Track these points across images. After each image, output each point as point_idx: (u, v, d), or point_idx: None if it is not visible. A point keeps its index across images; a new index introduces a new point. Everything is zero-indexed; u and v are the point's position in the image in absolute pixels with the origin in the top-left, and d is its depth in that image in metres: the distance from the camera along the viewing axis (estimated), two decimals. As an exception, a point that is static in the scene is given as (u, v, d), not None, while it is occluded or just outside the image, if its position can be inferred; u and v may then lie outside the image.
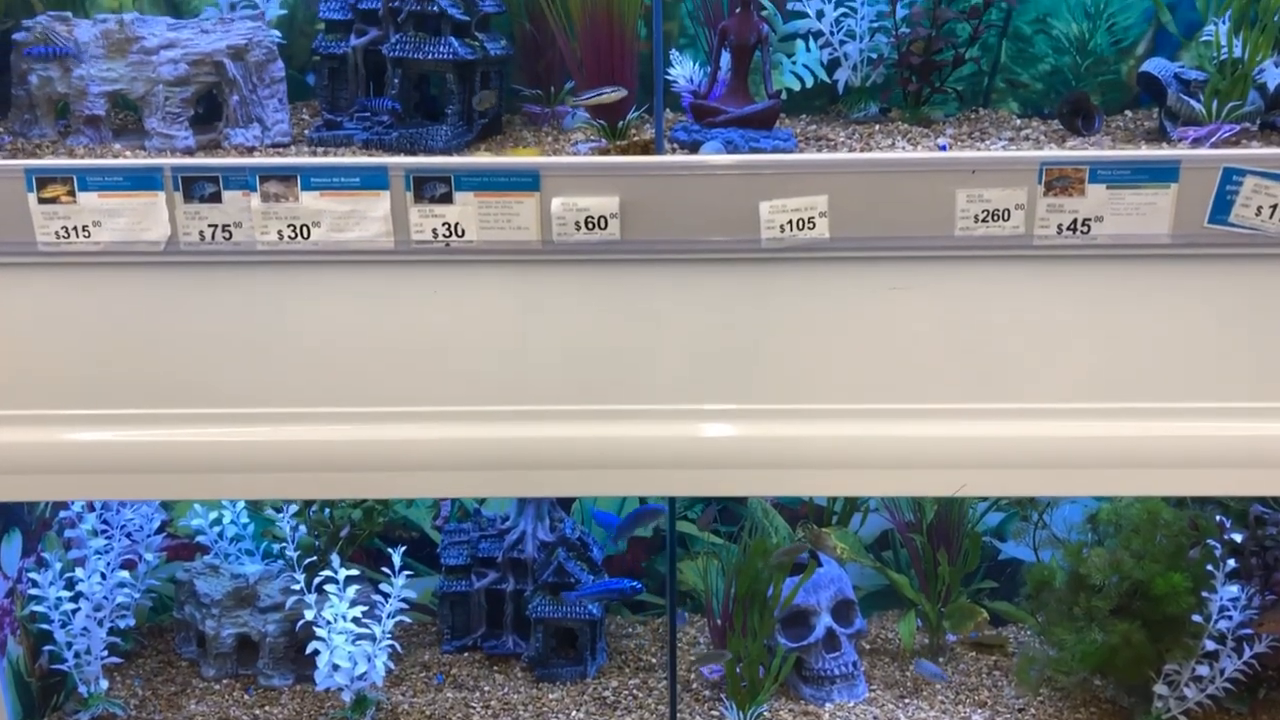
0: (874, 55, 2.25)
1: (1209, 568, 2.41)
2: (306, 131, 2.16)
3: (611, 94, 1.96)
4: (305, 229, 1.84)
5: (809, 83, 2.23)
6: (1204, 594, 2.41)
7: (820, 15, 2.24)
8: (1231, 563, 2.39)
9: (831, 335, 1.93)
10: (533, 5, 2.16)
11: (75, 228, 1.83)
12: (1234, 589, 2.41)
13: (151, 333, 1.91)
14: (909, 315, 1.91)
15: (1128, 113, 2.34)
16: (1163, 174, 1.79)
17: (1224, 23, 2.02)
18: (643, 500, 2.81)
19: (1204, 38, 2.07)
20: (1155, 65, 2.10)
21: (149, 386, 1.95)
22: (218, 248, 1.85)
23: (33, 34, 2.05)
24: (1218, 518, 2.44)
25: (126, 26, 2.03)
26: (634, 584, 2.68)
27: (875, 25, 2.23)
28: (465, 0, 2.07)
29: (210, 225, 1.84)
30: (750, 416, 1.98)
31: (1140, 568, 2.40)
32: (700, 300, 1.91)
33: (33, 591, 2.51)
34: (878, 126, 2.20)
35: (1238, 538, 2.42)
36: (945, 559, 2.73)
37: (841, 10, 2.24)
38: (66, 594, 2.54)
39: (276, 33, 2.18)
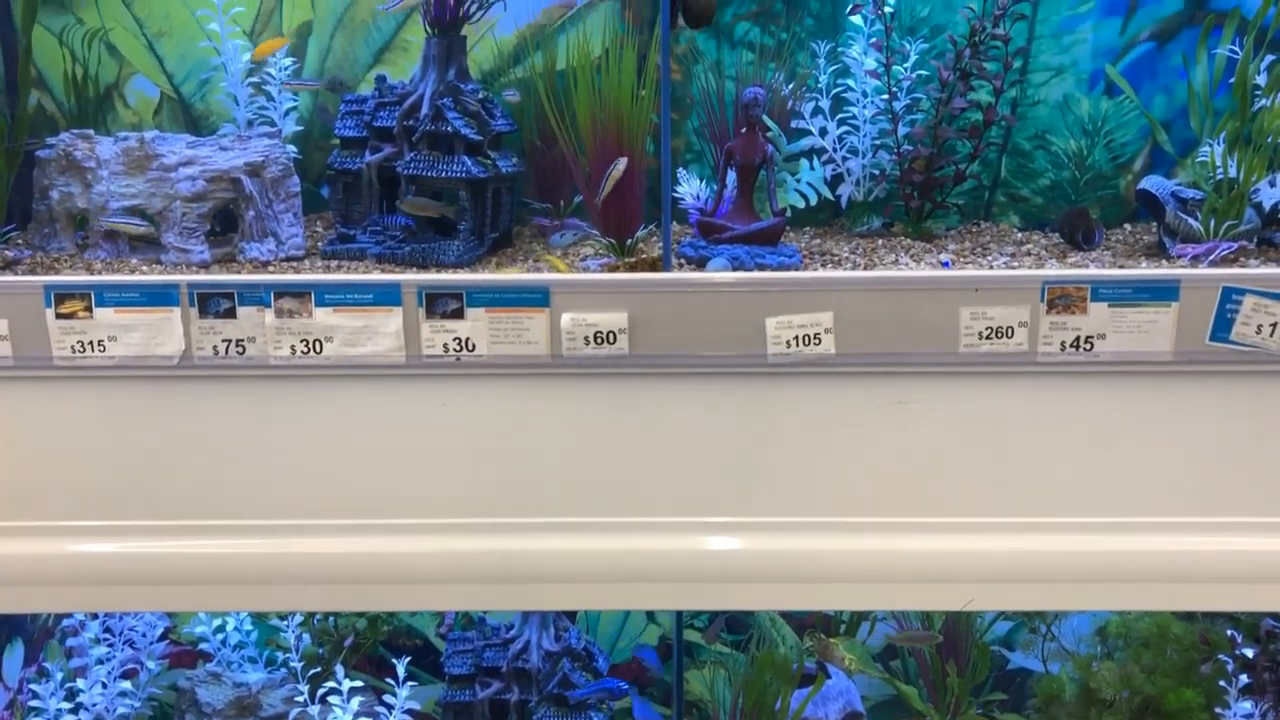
0: (876, 171, 2.30)
1: (1221, 683, 2.38)
2: (320, 244, 2.20)
3: (615, 169, 1.99)
4: (318, 344, 1.87)
5: (813, 200, 2.28)
6: (1217, 710, 2.38)
7: (823, 132, 2.29)
8: (1244, 678, 2.37)
9: (837, 449, 1.94)
10: (543, 123, 2.21)
11: (91, 342, 1.86)
12: (1247, 705, 2.38)
13: (163, 445, 1.93)
14: (914, 430, 1.92)
15: (1127, 226, 2.38)
16: (1163, 293, 1.82)
17: (1219, 143, 2.06)
18: (650, 615, 2.79)
19: (1200, 158, 2.11)
20: (1153, 183, 2.15)
21: (159, 499, 1.96)
22: (231, 362, 1.88)
23: (57, 150, 2.10)
24: (1229, 632, 2.42)
25: (147, 144, 2.08)
26: (620, 684, 2.64)
27: (877, 143, 2.29)
28: (478, 120, 2.12)
29: (224, 340, 1.86)
30: (756, 530, 1.98)
31: (1151, 682, 2.38)
32: (707, 414, 1.93)
33: (33, 704, 2.49)
34: (881, 241, 2.24)
35: (1249, 653, 2.39)
36: (954, 670, 2.70)
37: (844, 128, 2.29)
38: (67, 705, 2.51)
39: (292, 148, 2.24)
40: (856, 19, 2.25)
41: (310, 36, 2.40)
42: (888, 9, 2.20)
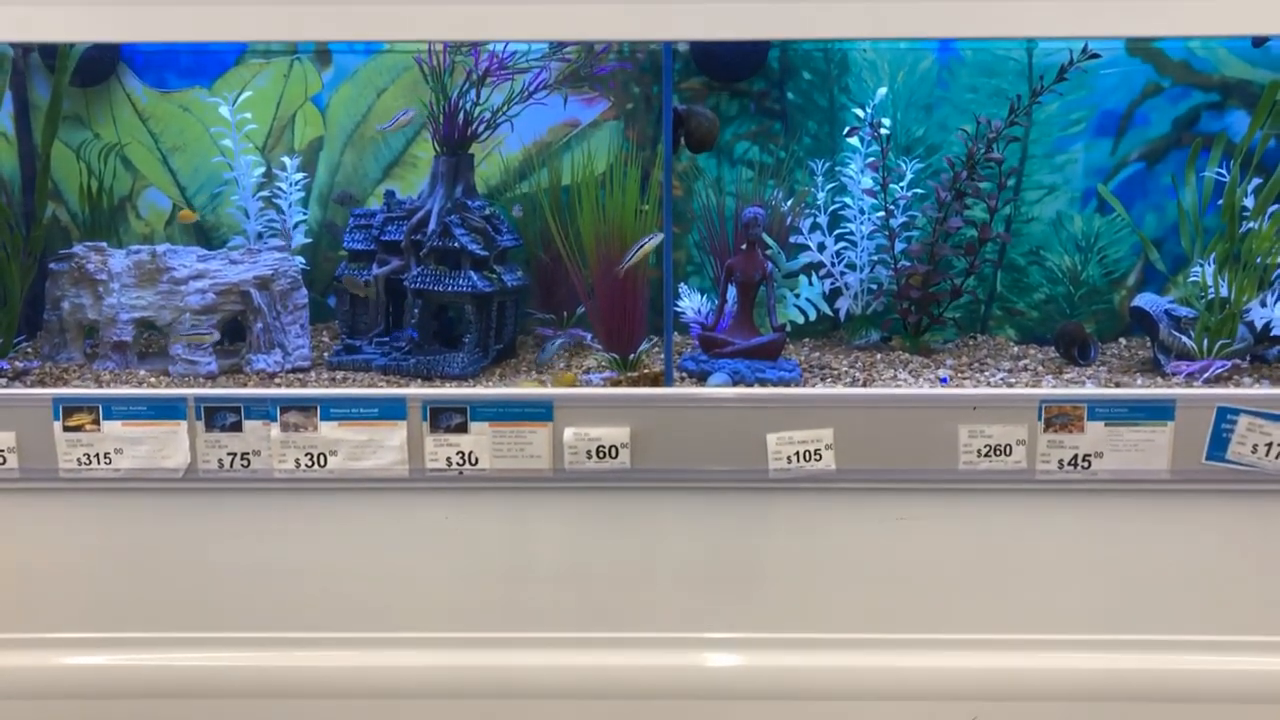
0: (874, 286, 2.34)
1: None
2: (326, 355, 2.23)
3: (649, 243, 2.01)
4: (322, 458, 1.88)
5: (812, 316, 2.31)
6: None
7: (821, 248, 2.33)
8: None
9: (837, 564, 1.94)
10: (547, 237, 2.26)
11: (97, 455, 1.88)
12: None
13: (165, 558, 1.93)
14: (914, 546, 1.93)
15: (1122, 341, 2.41)
16: (1159, 412, 1.84)
17: (1210, 264, 2.10)
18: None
19: (1192, 277, 2.16)
20: (1146, 301, 2.18)
21: (160, 611, 1.95)
22: (235, 475, 1.89)
23: (70, 263, 2.14)
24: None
25: (159, 258, 2.12)
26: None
27: (875, 258, 2.33)
28: (484, 236, 2.17)
29: (229, 453, 1.88)
30: (756, 645, 1.98)
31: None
32: (707, 529, 1.94)
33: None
34: (879, 355, 2.27)
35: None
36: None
37: (842, 244, 2.34)
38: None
39: (301, 259, 2.28)
40: (854, 140, 2.31)
41: (321, 151, 2.46)
42: (884, 131, 2.26)
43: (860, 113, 2.29)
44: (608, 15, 1.74)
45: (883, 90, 2.30)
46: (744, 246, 2.14)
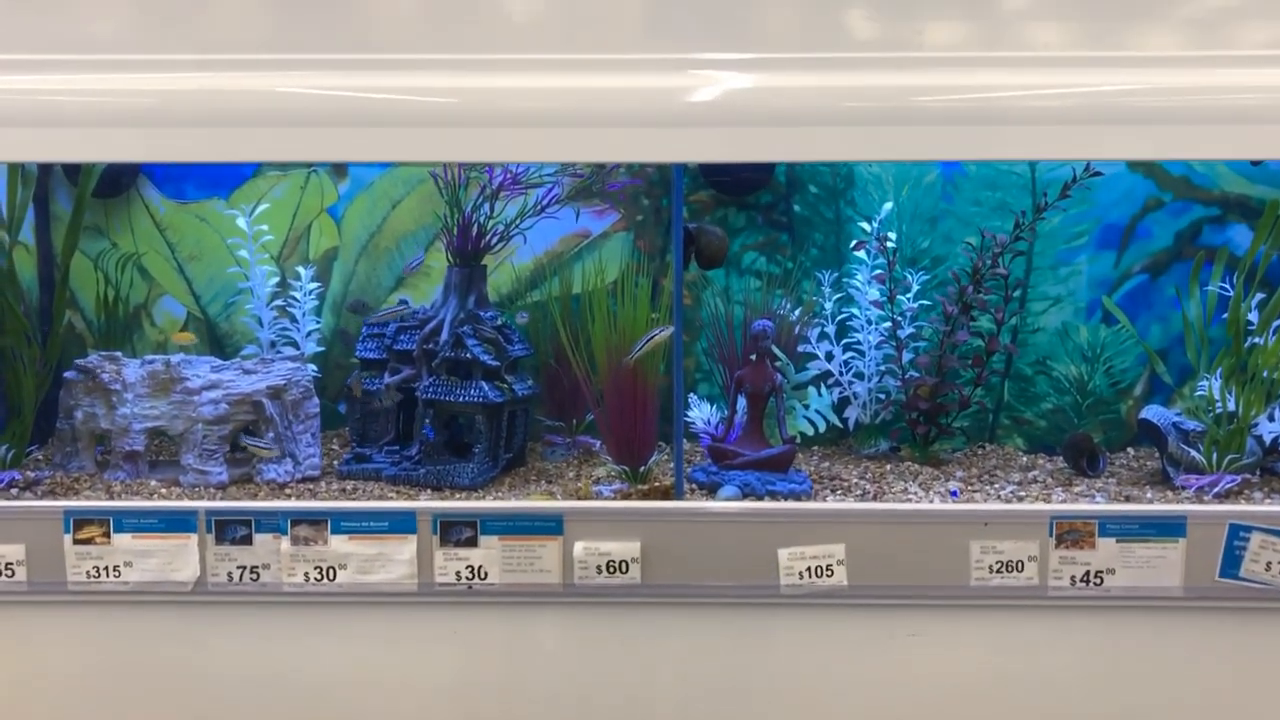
0: (883, 396, 2.35)
1: None
2: (335, 463, 2.24)
3: (659, 335, 2.02)
4: (332, 571, 1.88)
5: (821, 428, 2.32)
6: None
7: (829, 357, 2.35)
8: None
9: (848, 681, 1.92)
10: (558, 345, 2.28)
11: (107, 568, 1.87)
12: None
13: (173, 672, 1.92)
14: (925, 662, 1.91)
15: (1130, 451, 2.42)
16: (1171, 529, 1.84)
17: (1216, 378, 2.12)
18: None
19: (1199, 390, 2.17)
20: (1154, 413, 2.19)
21: (163, 727, 1.94)
22: (244, 589, 1.88)
23: (83, 372, 2.16)
24: None
25: (172, 368, 2.14)
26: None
27: (883, 368, 2.35)
28: (495, 346, 2.19)
29: (239, 567, 1.88)
30: (767, 763, 1.95)
31: None
32: (718, 644, 1.92)
33: None
34: (889, 465, 2.27)
35: None
36: None
37: (850, 354, 2.36)
38: None
39: (313, 367, 2.30)
40: (860, 253, 2.35)
41: (335, 261, 2.50)
42: (890, 244, 2.29)
43: (866, 226, 2.32)
44: (620, 139, 1.78)
45: (888, 205, 2.34)
46: (753, 358, 2.16)
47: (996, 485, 2.13)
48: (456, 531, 1.88)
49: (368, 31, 1.82)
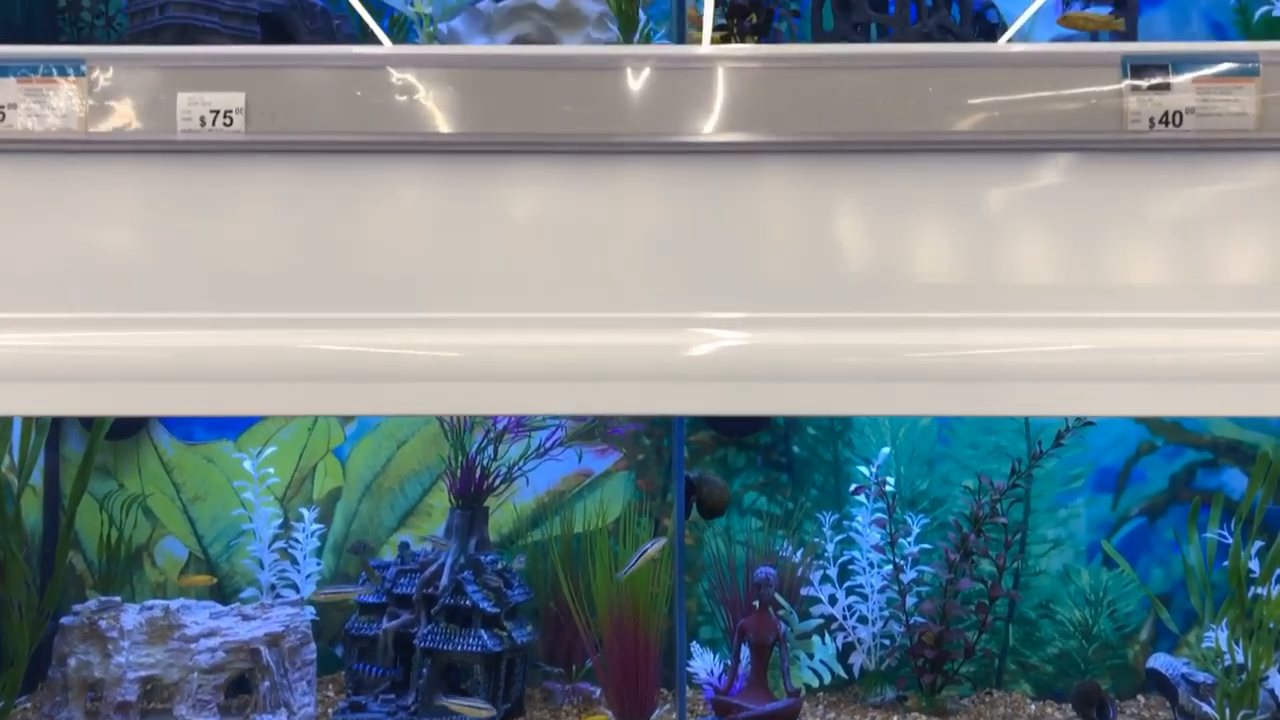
0: (887, 641, 2.33)
1: None
2: (330, 711, 2.19)
3: (652, 547, 2.00)
4: (323, 835, 1.82)
5: (826, 679, 2.30)
6: None
7: (833, 600, 2.34)
8: None
9: None
10: (558, 588, 2.27)
11: (91, 832, 1.81)
12: None
13: None
14: None
15: (1140, 699, 2.38)
16: (1187, 792, 1.79)
17: (1222, 628, 2.10)
18: None
19: (1205, 641, 2.15)
20: (1163, 663, 2.17)
21: None
22: None
23: (81, 618, 2.14)
24: None
25: (171, 614, 2.12)
26: None
27: (886, 613, 2.33)
28: (495, 592, 2.18)
29: (228, 830, 1.82)
30: None
31: None
32: None
33: None
34: (895, 716, 2.23)
35: None
36: None
37: (854, 597, 2.35)
38: None
39: (311, 609, 2.28)
40: (860, 497, 2.37)
41: (339, 501, 2.52)
42: (889, 489, 2.32)
43: (865, 470, 2.36)
44: (619, 392, 1.83)
45: (886, 449, 2.38)
46: (755, 605, 2.15)
47: (1006, 739, 2.09)
48: (453, 792, 1.83)
49: (378, 290, 1.89)
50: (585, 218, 1.51)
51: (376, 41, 2.51)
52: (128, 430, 2.48)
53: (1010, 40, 1.79)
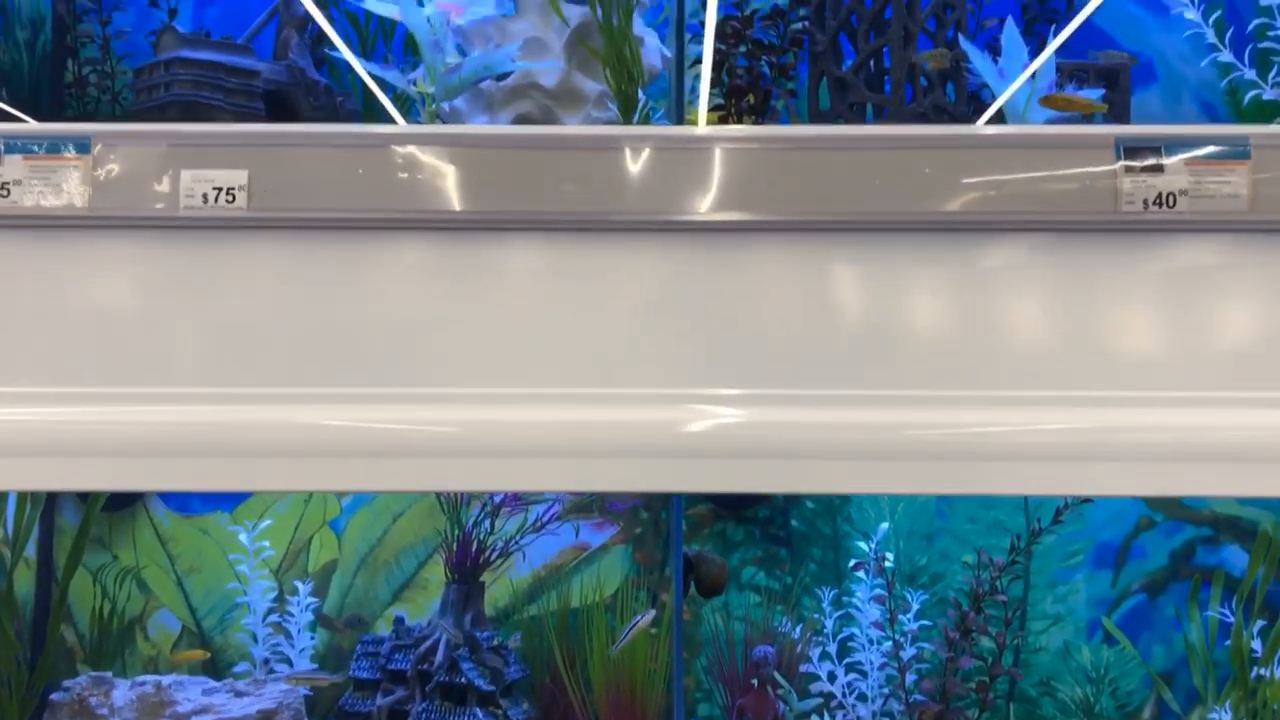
0: (886, 719, 2.30)
1: None
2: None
3: (642, 620, 1.98)
4: None
5: (826, 761, 2.27)
6: None
7: (832, 677, 2.32)
8: None
9: None
10: (554, 664, 2.25)
11: None
12: None
13: None
14: None
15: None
16: None
17: (1226, 710, 2.08)
18: None
19: (1210, 716, 2.13)
20: (1167, 746, 2.14)
21: None
22: None
23: (71, 694, 2.12)
24: None
25: (163, 690, 2.10)
26: None
27: (886, 691, 2.31)
28: (491, 670, 2.16)
29: None
30: None
31: None
32: None
33: None
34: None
35: None
36: None
37: (853, 675, 2.33)
38: None
39: (306, 689, 2.25)
40: (860, 573, 2.36)
41: (334, 574, 2.50)
42: (887, 565, 2.31)
43: (864, 545, 2.35)
44: (617, 469, 1.82)
45: (885, 525, 2.37)
46: (754, 683, 2.13)
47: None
48: None
49: (377, 365, 1.90)
50: (584, 294, 1.52)
51: (378, 118, 2.55)
52: (124, 501, 2.47)
53: (1000, 111, 1.82)
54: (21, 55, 2.49)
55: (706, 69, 1.69)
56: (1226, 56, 2.46)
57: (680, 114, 1.93)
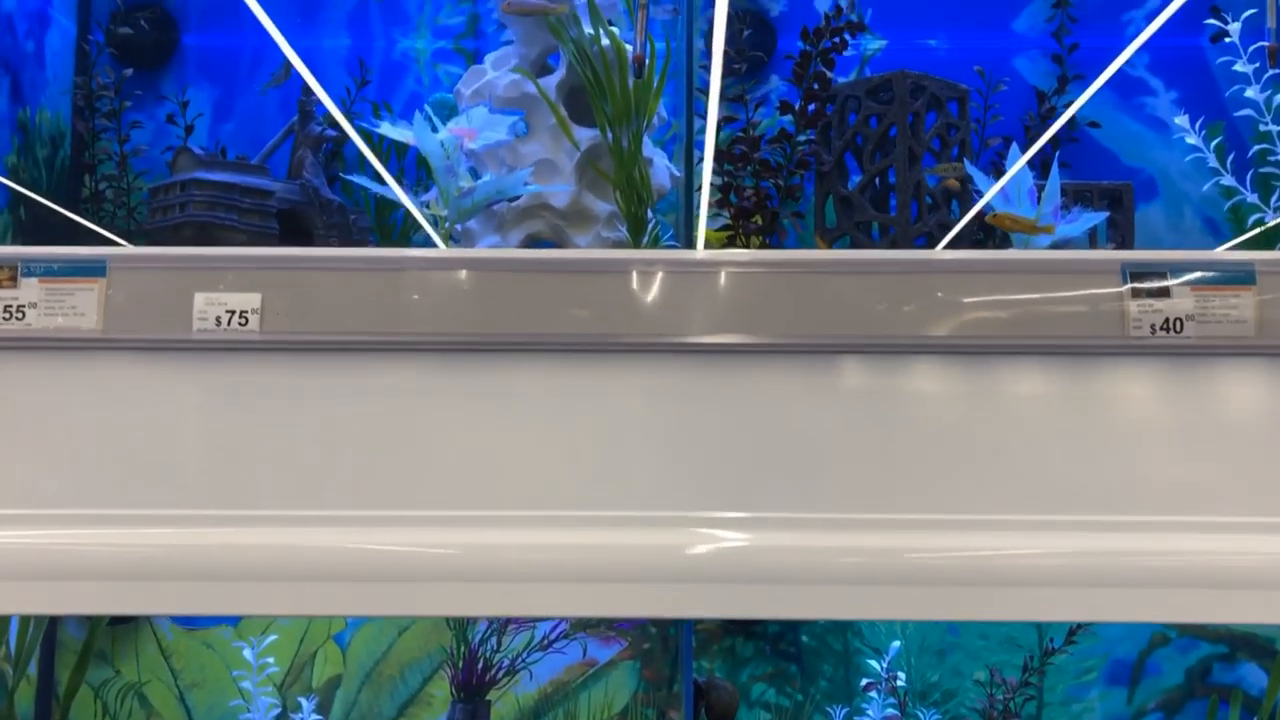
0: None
1: None
2: None
3: None
4: None
5: None
6: None
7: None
8: None
9: None
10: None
11: None
12: None
13: None
14: None
15: None
16: None
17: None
18: None
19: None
20: None
21: None
22: None
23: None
24: None
25: (161, 812, 2.06)
26: None
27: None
28: (496, 791, 2.11)
29: None
30: None
31: None
32: None
33: None
34: None
35: None
36: None
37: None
38: None
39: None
40: (871, 693, 2.32)
41: (338, 690, 2.47)
42: (900, 684, 2.27)
43: (875, 663, 2.31)
44: (620, 594, 1.81)
45: (896, 643, 2.34)
46: (764, 806, 2.08)
47: None
48: None
49: (382, 487, 1.89)
50: (589, 416, 1.53)
51: (390, 232, 2.59)
52: (128, 616, 2.45)
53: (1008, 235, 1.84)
54: (40, 172, 2.54)
55: (705, 194, 1.72)
56: (1229, 180, 2.49)
57: (689, 235, 1.96)
